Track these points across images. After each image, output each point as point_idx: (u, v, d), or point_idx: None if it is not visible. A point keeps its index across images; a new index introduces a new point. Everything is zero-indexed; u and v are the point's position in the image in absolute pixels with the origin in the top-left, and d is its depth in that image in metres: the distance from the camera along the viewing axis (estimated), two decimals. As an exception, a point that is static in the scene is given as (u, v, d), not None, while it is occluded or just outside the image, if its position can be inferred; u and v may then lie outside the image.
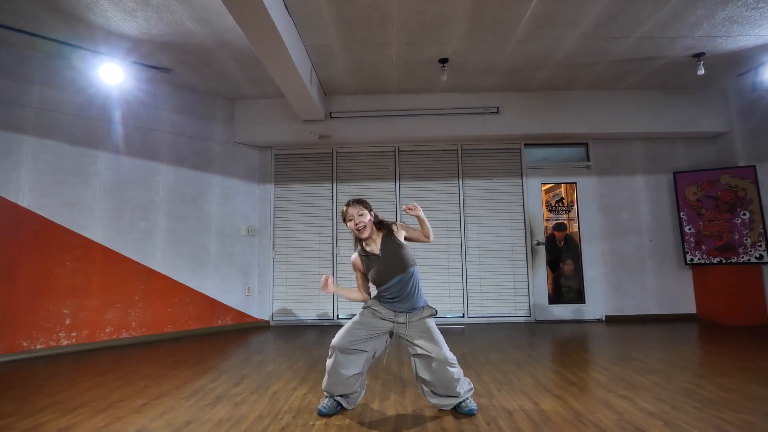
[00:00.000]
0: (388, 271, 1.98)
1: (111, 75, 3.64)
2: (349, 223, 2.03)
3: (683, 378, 2.54)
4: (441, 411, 2.05)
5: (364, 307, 2.07)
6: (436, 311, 2.06)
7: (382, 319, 2.00)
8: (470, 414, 1.98)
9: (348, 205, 2.05)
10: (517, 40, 3.59)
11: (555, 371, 2.76)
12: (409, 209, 1.99)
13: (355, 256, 2.11)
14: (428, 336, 1.97)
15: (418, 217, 2.03)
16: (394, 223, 2.10)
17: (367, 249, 2.06)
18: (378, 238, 2.05)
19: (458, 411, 2.01)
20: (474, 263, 4.79)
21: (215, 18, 3.19)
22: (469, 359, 3.07)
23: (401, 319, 1.99)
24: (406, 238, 2.09)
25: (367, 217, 2.03)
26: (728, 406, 2.05)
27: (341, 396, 2.03)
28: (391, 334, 2.04)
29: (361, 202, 2.06)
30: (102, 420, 2.02)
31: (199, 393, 2.41)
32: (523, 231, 4.81)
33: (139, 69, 3.91)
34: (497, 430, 1.82)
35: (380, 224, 2.09)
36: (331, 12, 3.13)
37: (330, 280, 2.03)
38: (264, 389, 2.45)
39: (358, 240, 2.07)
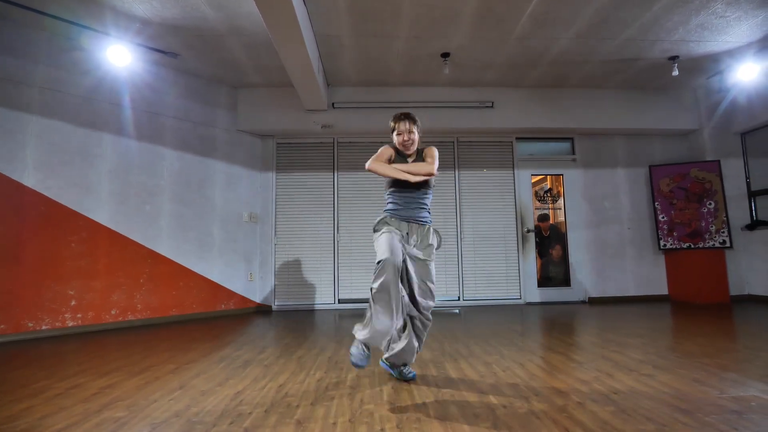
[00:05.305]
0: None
1: (118, 57, 3.66)
2: (397, 137, 2.06)
3: (665, 339, 2.86)
4: (456, 357, 2.25)
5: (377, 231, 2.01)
6: (440, 241, 2.09)
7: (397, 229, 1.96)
8: (412, 378, 2.02)
9: (399, 119, 2.06)
10: (515, 38, 3.86)
11: (554, 337, 3.03)
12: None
13: (387, 146, 2.10)
14: (423, 272, 1.96)
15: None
16: (429, 148, 2.13)
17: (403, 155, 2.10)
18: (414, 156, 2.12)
19: (400, 376, 2.03)
20: (469, 250, 5.04)
21: (230, 3, 3.29)
22: (474, 332, 3.30)
23: (405, 230, 1.96)
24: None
25: (416, 135, 2.08)
26: (706, 355, 2.36)
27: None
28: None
29: (411, 119, 2.07)
30: (141, 379, 2.11)
31: (227, 359, 2.51)
32: (515, 219, 5.11)
33: (145, 52, 3.93)
34: (513, 375, 2.05)
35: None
36: (347, 3, 3.29)
37: None
38: (288, 355, 2.59)
39: (396, 151, 2.09)
